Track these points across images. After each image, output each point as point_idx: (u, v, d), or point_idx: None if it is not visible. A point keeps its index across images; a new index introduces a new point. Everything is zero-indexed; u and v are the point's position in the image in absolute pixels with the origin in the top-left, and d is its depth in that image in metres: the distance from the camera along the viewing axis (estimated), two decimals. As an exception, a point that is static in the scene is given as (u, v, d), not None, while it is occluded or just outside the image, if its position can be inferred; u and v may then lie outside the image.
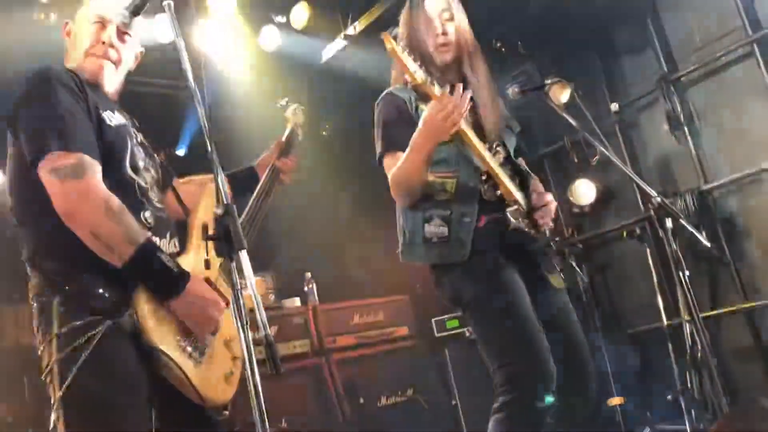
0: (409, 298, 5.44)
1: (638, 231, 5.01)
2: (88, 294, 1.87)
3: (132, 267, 1.86)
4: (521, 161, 2.76)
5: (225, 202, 1.76)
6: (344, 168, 6.21)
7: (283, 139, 2.74)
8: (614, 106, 5.26)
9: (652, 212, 2.92)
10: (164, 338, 1.88)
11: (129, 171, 2.04)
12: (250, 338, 1.71)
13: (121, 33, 2.20)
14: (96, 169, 1.91)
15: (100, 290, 1.87)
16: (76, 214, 1.86)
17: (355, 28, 5.39)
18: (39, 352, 1.91)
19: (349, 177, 6.15)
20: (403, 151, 2.51)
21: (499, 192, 2.55)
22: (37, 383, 1.93)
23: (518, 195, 2.58)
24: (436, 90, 2.34)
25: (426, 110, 2.37)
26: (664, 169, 5.19)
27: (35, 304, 1.93)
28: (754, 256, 4.71)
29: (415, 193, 2.54)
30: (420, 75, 2.31)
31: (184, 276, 1.94)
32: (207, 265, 2.08)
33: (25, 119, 1.95)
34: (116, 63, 2.19)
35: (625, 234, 5.20)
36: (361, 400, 4.71)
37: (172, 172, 2.37)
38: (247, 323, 1.73)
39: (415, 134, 2.42)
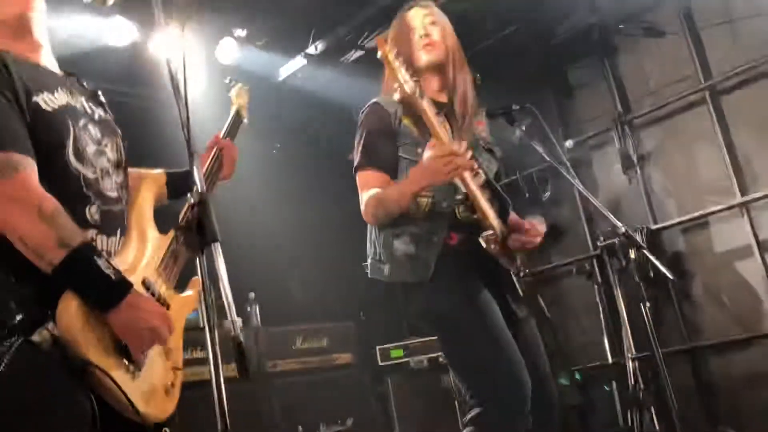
0: (354, 325, 5.32)
1: (588, 267, 5.06)
2: (8, 307, 1.67)
3: (63, 273, 1.67)
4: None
5: (200, 191, 1.63)
6: (293, 188, 6.09)
7: (228, 120, 2.54)
8: (569, 143, 5.32)
9: (617, 243, 2.90)
10: (97, 349, 1.69)
11: (72, 160, 1.83)
12: (216, 339, 1.58)
13: None
14: (26, 164, 1.70)
15: (13, 305, 1.67)
16: (4, 218, 1.68)
17: (316, 47, 5.34)
18: None
19: (299, 197, 6.04)
20: (382, 168, 2.49)
21: (475, 215, 2.49)
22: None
23: (495, 221, 2.51)
24: (425, 104, 2.30)
25: (429, 152, 2.32)
26: (615, 208, 5.27)
27: None
28: (697, 297, 4.81)
29: (392, 217, 2.48)
30: (410, 86, 2.26)
31: (123, 284, 1.74)
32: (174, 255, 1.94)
33: None
34: None
35: (575, 271, 5.25)
36: (300, 428, 4.54)
37: None
38: (214, 323, 1.60)
39: (414, 171, 2.39)
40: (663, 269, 2.91)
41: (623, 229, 2.91)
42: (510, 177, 5.75)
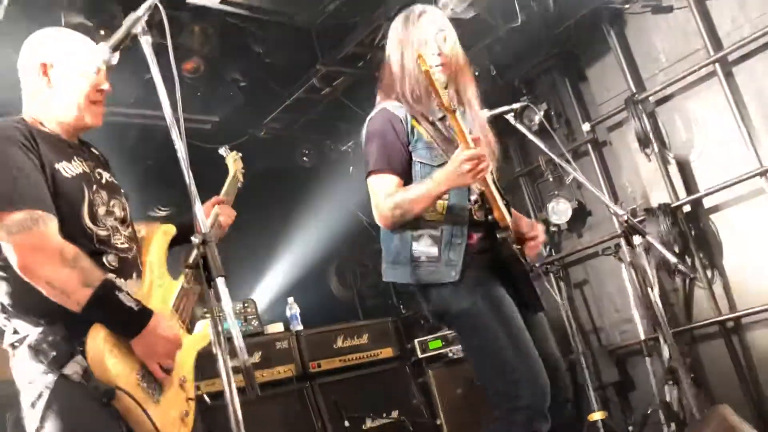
0: (392, 320, 5.49)
1: (613, 248, 5.12)
2: (42, 348, 1.92)
3: (90, 309, 1.90)
4: None
5: (203, 231, 1.82)
6: (324, 191, 6.27)
7: (226, 186, 2.76)
8: (585, 126, 5.38)
9: (620, 231, 2.99)
10: (123, 376, 1.90)
11: (87, 222, 2.06)
12: (230, 366, 1.76)
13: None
14: (47, 220, 1.93)
15: (46, 346, 1.91)
16: (30, 266, 1.90)
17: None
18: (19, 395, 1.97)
19: (330, 200, 6.22)
20: (396, 172, 2.57)
21: (491, 216, 2.59)
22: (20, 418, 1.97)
23: (509, 220, 2.61)
24: (458, 116, 2.40)
25: (456, 156, 2.39)
26: (637, 186, 5.30)
27: (10, 351, 1.99)
28: (726, 270, 4.81)
29: (408, 219, 2.55)
30: (447, 99, 2.36)
31: (144, 314, 1.96)
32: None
33: None
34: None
35: (601, 251, 5.31)
36: (347, 424, 4.71)
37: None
38: (225, 349, 1.78)
39: (440, 174, 2.45)
40: (668, 254, 2.97)
41: (625, 217, 2.98)
42: (533, 163, 5.85)
